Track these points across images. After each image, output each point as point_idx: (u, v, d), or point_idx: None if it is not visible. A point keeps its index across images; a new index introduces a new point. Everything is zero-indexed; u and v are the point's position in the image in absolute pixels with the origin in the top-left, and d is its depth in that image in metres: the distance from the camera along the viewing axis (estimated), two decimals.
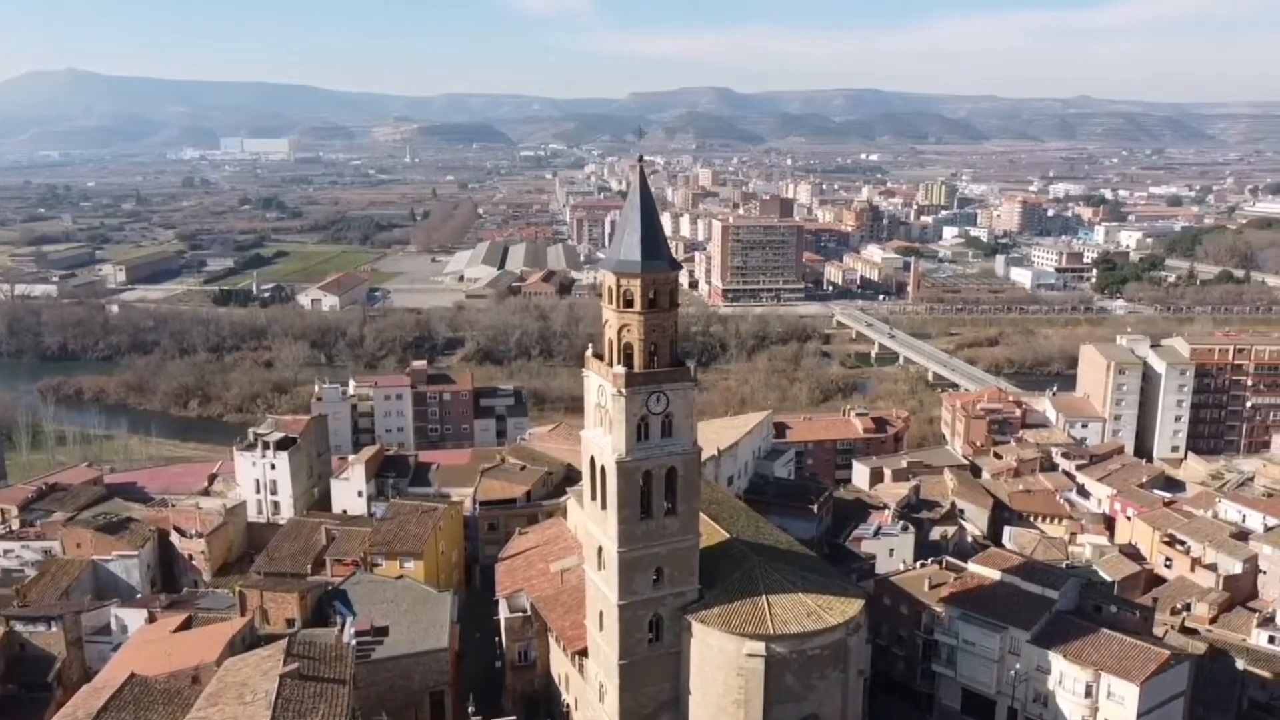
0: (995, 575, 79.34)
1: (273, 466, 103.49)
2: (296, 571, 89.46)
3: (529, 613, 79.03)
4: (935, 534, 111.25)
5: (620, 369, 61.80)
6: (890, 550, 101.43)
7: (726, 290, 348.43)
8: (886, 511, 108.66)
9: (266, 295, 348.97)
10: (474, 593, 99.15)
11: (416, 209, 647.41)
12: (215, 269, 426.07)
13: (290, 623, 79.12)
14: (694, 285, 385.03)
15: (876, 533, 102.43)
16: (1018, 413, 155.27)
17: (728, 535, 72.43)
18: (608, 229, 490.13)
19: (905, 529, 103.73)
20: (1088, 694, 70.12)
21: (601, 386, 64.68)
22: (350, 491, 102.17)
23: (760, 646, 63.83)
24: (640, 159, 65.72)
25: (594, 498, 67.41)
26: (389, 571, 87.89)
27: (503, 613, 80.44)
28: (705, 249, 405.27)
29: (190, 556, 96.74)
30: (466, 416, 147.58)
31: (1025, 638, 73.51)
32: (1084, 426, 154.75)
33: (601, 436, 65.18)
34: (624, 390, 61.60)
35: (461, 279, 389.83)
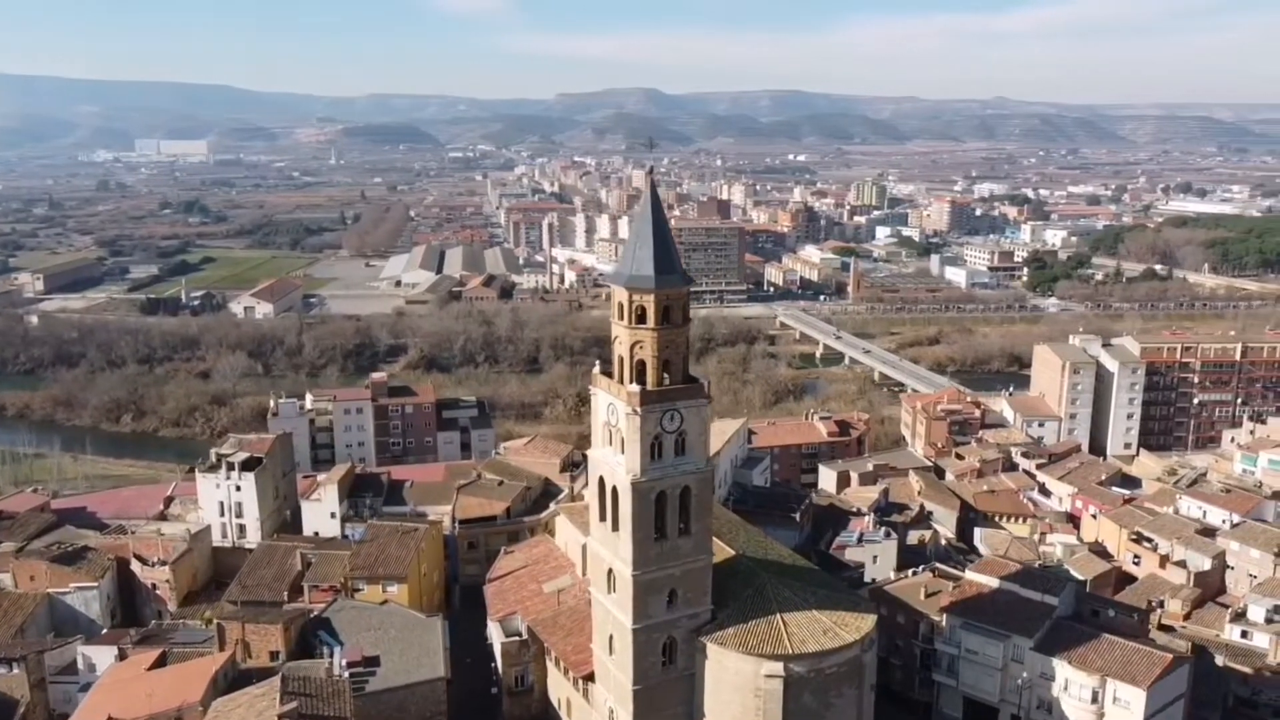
0: (994, 583, 79.47)
1: (238, 488, 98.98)
2: (272, 600, 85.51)
3: (525, 636, 76.64)
4: (912, 538, 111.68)
5: (634, 387, 59.96)
6: (874, 557, 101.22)
7: None
8: (867, 518, 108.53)
9: (196, 303, 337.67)
10: (455, 613, 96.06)
11: (346, 212, 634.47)
12: (139, 276, 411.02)
13: (274, 656, 75.54)
14: None
15: (859, 540, 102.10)
16: (977, 413, 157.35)
17: (733, 552, 71.13)
18: (544, 232, 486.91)
19: (888, 535, 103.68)
20: (1094, 700, 70.48)
21: (612, 405, 62.73)
22: (322, 513, 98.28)
23: (779, 667, 62.62)
24: (651, 170, 64.15)
25: (603, 519, 65.43)
26: (372, 596, 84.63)
27: (497, 637, 77.95)
28: None
29: (154, 586, 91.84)
30: (430, 429, 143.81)
31: (1029, 645, 73.66)
32: (1040, 426, 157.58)
33: (612, 456, 63.25)
34: (639, 409, 59.78)
35: (399, 284, 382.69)
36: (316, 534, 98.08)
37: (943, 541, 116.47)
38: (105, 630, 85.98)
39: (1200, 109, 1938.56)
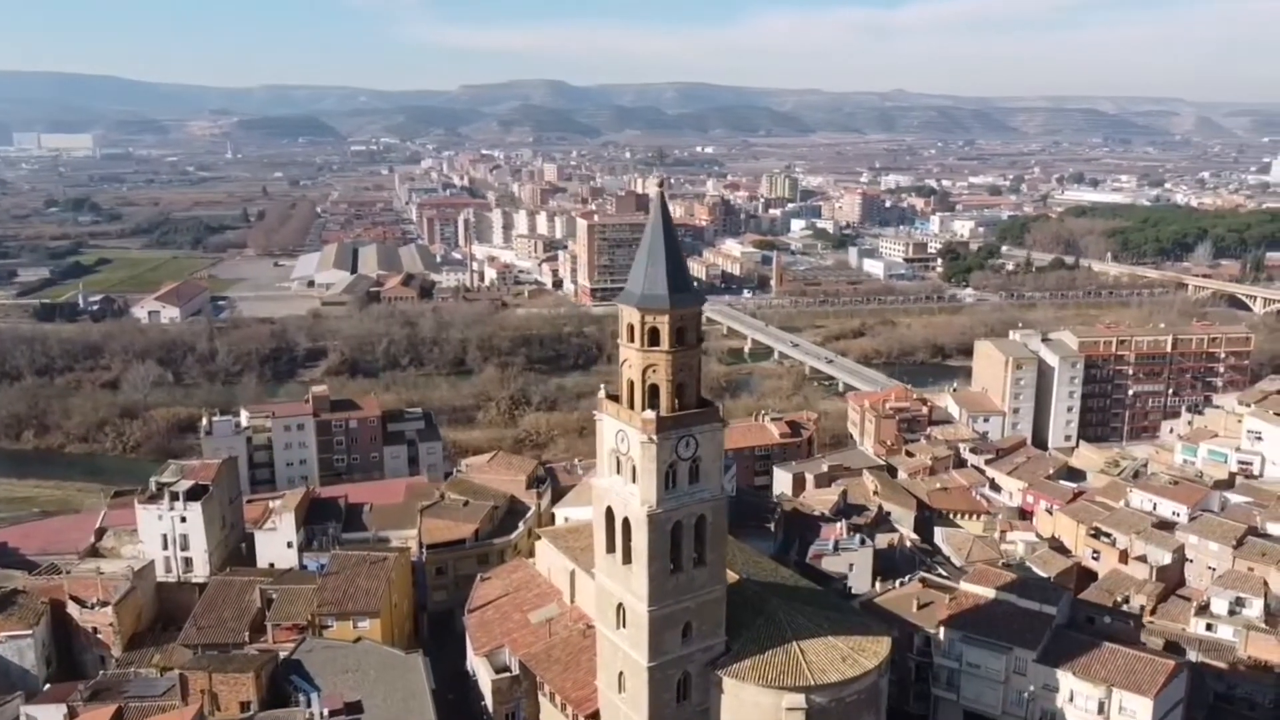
0: (990, 594, 78.67)
1: (183, 519, 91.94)
2: (232, 642, 79.57)
3: (516, 672, 72.64)
4: (881, 542, 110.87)
5: (650, 414, 56.60)
6: (850, 565, 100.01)
7: (595, 289, 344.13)
8: (839, 524, 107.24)
9: (96, 308, 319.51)
10: (425, 644, 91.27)
11: (249, 209, 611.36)
12: (29, 280, 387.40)
13: (245, 706, 70.11)
14: (558, 285, 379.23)
15: (836, 548, 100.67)
16: (924, 410, 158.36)
17: (737, 576, 68.37)
18: (461, 229, 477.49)
19: (863, 542, 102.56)
20: (1100, 710, 70.17)
21: (622, 432, 59.24)
22: (278, 543, 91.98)
23: (800, 699, 60.23)
24: (663, 183, 60.65)
25: (610, 550, 61.95)
26: (342, 634, 79.43)
27: (485, 673, 73.69)
28: (568, 247, 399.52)
29: (94, 630, 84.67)
30: (375, 444, 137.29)
31: (1031, 657, 73.01)
32: (986, 421, 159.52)
33: (623, 486, 59.79)
34: (654, 437, 56.47)
35: (312, 284, 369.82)
36: (272, 565, 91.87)
37: (908, 544, 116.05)
38: (44, 683, 78.91)
39: (1085, 101, 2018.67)
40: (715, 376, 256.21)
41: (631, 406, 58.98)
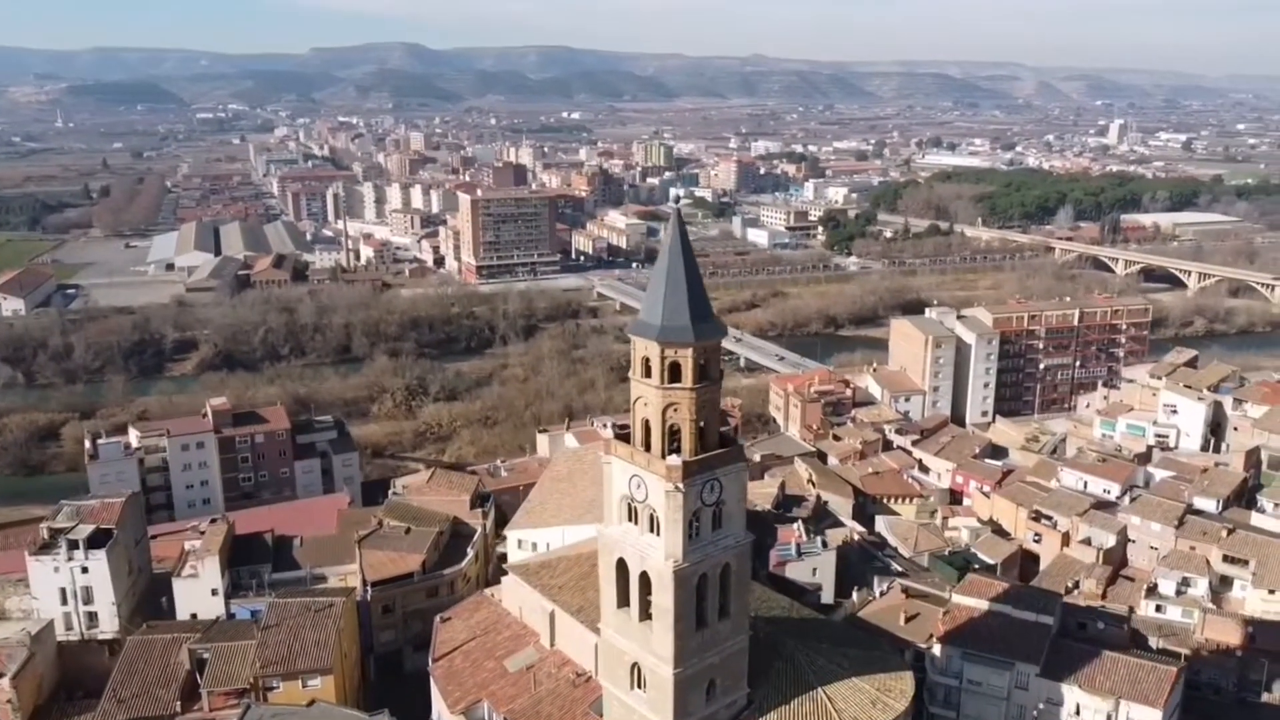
0: (983, 605, 76.30)
1: (84, 570, 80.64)
2: (162, 714, 69.96)
3: None
4: (833, 538, 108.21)
5: (676, 460, 50.60)
6: (814, 570, 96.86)
7: (481, 267, 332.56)
8: (795, 526, 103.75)
9: None
10: (373, 689, 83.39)
11: (90, 184, 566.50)
12: None
13: None
14: (440, 262, 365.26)
15: (798, 553, 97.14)
16: (848, 393, 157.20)
17: None
18: (329, 203, 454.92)
19: (825, 545, 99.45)
20: None
21: (638, 478, 53.03)
22: (200, 591, 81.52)
23: None
24: (679, 199, 54.16)
25: (621, 605, 55.91)
26: (290, 696, 70.89)
27: None
28: (447, 222, 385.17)
29: None
30: (285, 459, 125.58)
31: (1034, 671, 71.00)
32: (907, 400, 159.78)
33: (638, 537, 53.70)
34: (681, 485, 50.55)
35: (171, 268, 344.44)
36: (194, 616, 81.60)
37: (855, 537, 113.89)
38: None
39: (934, 66, 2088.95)
40: (617, 356, 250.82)
41: (647, 448, 52.83)
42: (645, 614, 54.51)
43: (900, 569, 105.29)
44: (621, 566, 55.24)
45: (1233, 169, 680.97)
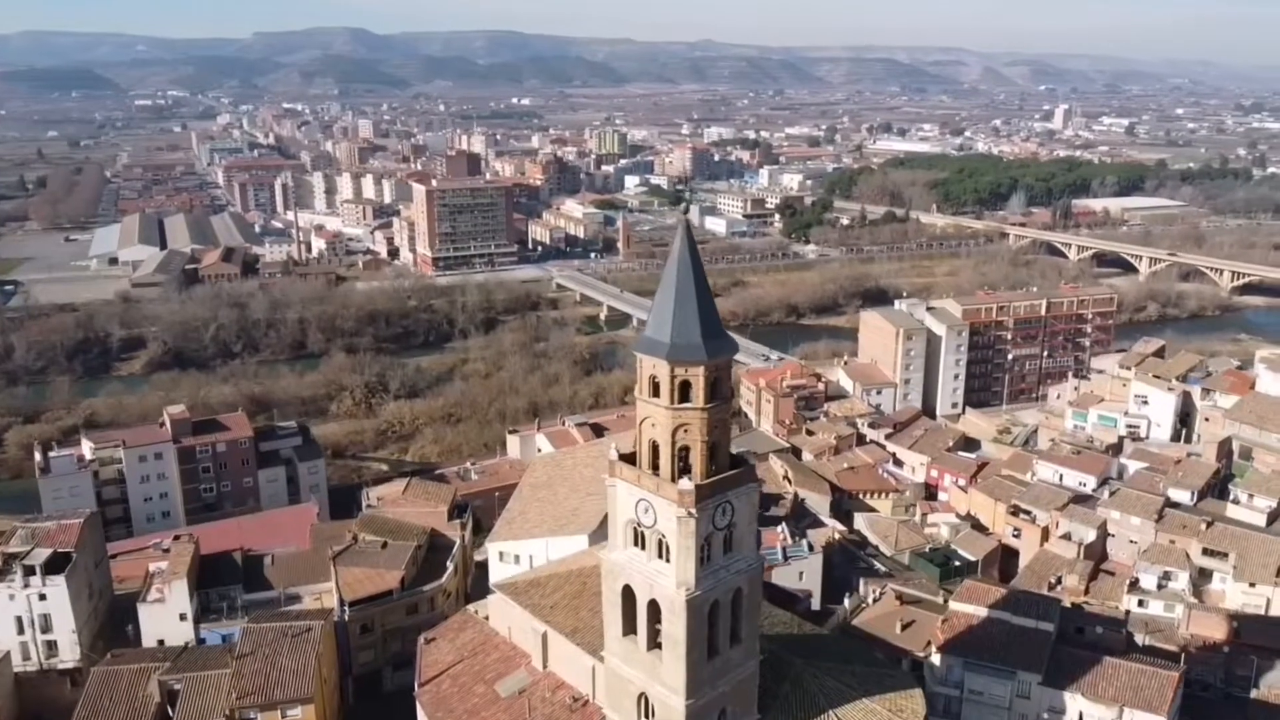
0: (982, 612, 75.11)
1: (42, 597, 76.20)
2: None
3: None
4: (817, 538, 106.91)
5: (688, 485, 48.16)
6: (800, 574, 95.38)
7: (437, 259, 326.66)
8: (779, 528, 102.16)
9: None
10: (351, 713, 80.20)
11: (25, 175, 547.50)
12: None
13: None
14: (394, 254, 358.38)
15: (785, 557, 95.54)
16: (821, 387, 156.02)
17: None
18: (278, 193, 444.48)
19: (811, 548, 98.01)
20: None
21: (645, 503, 50.51)
22: (168, 616, 77.35)
23: None
24: (686, 208, 51.55)
25: (627, 633, 53.47)
26: None
27: None
28: (400, 213, 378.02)
29: None
30: (248, 468, 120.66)
31: (1036, 680, 69.98)
32: (879, 393, 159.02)
33: (646, 563, 51.23)
34: (694, 511, 48.17)
35: (115, 262, 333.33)
36: (162, 643, 77.56)
37: (836, 537, 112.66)
38: None
39: (883, 51, 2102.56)
40: (580, 349, 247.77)
41: (655, 470, 50.34)
42: (654, 642, 52.13)
43: (885, 569, 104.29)
44: (628, 593, 52.73)
45: (1175, 153, 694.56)
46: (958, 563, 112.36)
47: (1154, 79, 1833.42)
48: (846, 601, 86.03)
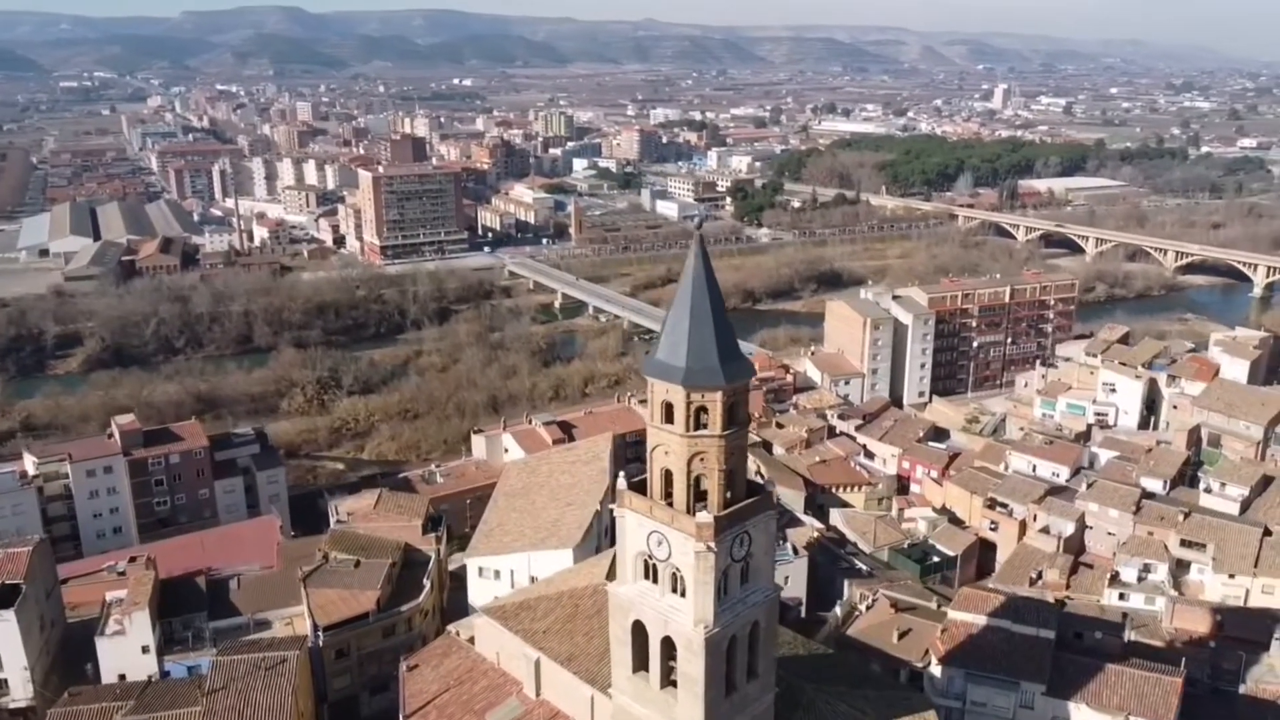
0: (981, 620, 73.61)
1: None
2: None
3: None
4: (798, 538, 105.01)
5: (707, 517, 45.25)
6: (785, 578, 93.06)
7: (385, 247, 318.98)
8: None
9: None
10: None
11: None
12: None
13: None
14: (339, 242, 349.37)
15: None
16: (789, 378, 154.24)
17: None
18: (216, 180, 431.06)
19: (795, 551, 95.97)
20: None
21: (658, 535, 47.49)
22: (130, 649, 72.51)
23: None
24: (700, 223, 48.29)
25: (638, 670, 50.56)
26: None
27: None
28: (345, 199, 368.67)
29: None
30: (204, 480, 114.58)
31: (1040, 690, 68.73)
32: (846, 384, 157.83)
33: (659, 598, 48.29)
34: (714, 545, 45.33)
35: (45, 254, 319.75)
36: (123, 678, 72.82)
37: (815, 534, 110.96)
38: None
39: (823, 30, 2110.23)
40: (537, 339, 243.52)
41: (668, 501, 47.38)
42: (668, 680, 49.32)
43: (867, 569, 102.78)
44: (638, 628, 49.78)
45: (1112, 132, 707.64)
46: (936, 558, 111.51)
47: (1087, 58, 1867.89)
48: (837, 609, 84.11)
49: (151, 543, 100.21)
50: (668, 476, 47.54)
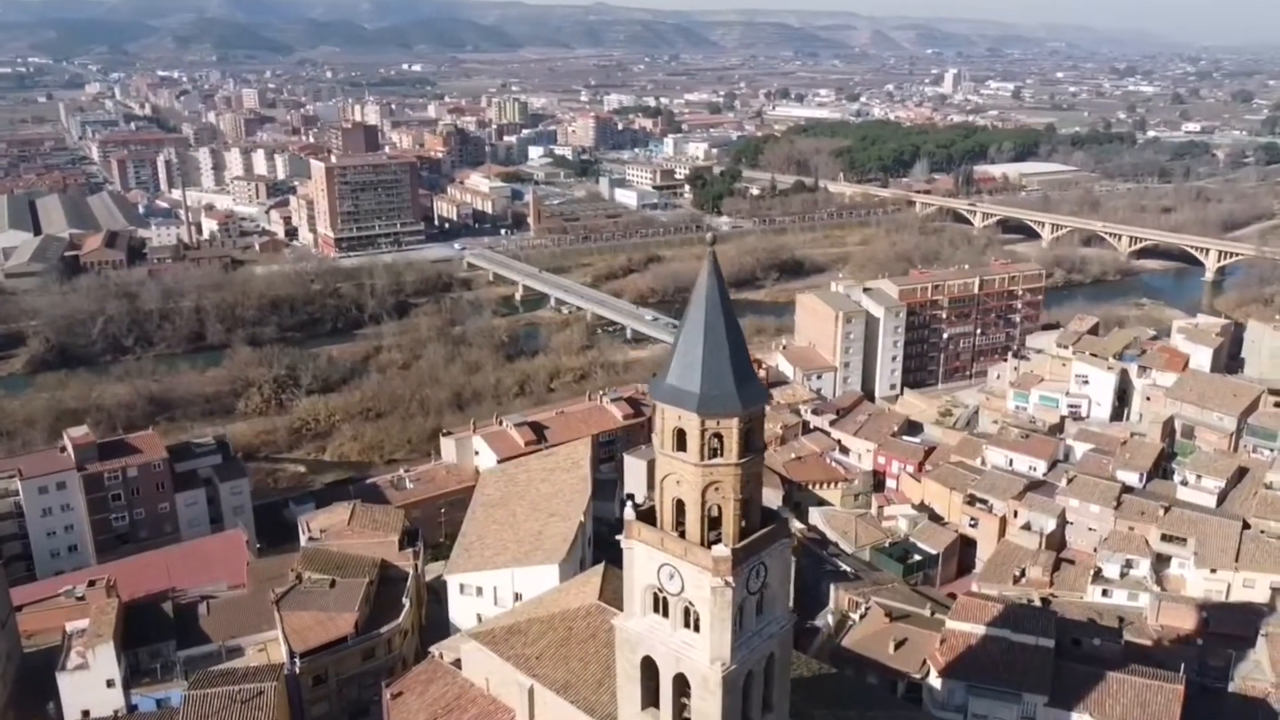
0: (980, 630, 72.34)
1: None
2: None
3: None
4: None
5: (723, 551, 42.86)
6: None
7: (340, 239, 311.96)
8: None
9: None
10: None
11: None
12: None
13: None
14: (292, 234, 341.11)
15: None
16: (762, 373, 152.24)
17: None
18: (161, 170, 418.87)
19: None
20: None
21: (669, 568, 45.03)
22: (94, 683, 68.47)
23: None
24: (714, 240, 45.54)
25: (648, 706, 48.17)
26: None
27: None
28: (296, 190, 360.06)
29: None
30: (164, 493, 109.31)
31: (1042, 701, 67.64)
32: (819, 378, 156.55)
33: (670, 634, 45.88)
34: (731, 580, 42.98)
35: None
36: (87, 715, 68.91)
37: (798, 535, 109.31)
38: None
39: (774, 15, 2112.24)
40: (499, 333, 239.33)
41: (679, 533, 44.92)
42: (680, 718, 46.98)
43: (850, 570, 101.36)
44: (647, 664, 47.37)
45: (1060, 117, 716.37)
46: (918, 557, 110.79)
47: (1034, 44, 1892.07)
48: (828, 618, 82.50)
49: (111, 562, 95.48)
50: (679, 506, 45.05)
